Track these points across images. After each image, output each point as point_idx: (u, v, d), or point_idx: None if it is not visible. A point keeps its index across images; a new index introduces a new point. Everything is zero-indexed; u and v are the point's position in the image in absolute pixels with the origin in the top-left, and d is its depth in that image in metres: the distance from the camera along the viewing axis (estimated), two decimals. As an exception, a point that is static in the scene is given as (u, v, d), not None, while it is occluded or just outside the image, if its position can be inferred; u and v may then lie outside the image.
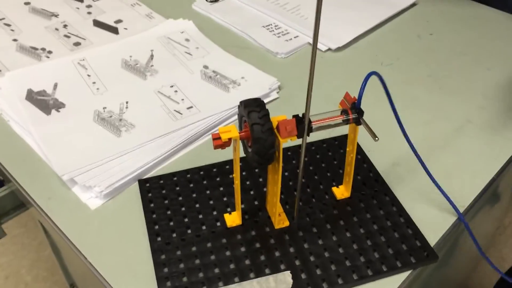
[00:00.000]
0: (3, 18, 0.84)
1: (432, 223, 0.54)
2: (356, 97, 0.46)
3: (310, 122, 0.45)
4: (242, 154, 0.48)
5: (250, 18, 0.86)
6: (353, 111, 0.46)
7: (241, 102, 0.46)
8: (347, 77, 0.74)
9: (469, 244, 0.59)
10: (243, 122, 0.47)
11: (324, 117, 0.46)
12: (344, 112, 0.46)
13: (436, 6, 0.91)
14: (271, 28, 0.84)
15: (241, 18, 0.86)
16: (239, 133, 0.46)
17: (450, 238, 0.55)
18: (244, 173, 0.59)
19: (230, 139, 0.45)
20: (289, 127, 0.44)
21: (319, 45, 0.81)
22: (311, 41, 0.81)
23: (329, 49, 0.80)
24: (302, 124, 0.44)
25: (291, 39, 0.82)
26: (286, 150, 0.62)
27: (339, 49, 0.80)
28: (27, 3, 0.88)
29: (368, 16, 0.86)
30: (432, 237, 0.53)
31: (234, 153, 0.48)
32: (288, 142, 0.46)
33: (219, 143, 0.45)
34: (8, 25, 0.83)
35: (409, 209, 0.55)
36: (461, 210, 0.55)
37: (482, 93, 0.72)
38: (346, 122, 0.46)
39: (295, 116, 0.45)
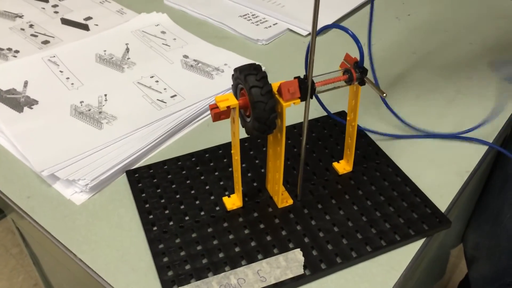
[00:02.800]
0: (-37, 22, 0.79)
1: (440, 189, 0.52)
2: (358, 58, 0.44)
3: (313, 83, 0.42)
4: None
5: (225, 9, 0.84)
6: (357, 70, 0.44)
7: (236, 69, 0.43)
8: (330, 59, 0.72)
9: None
10: (240, 90, 0.44)
11: (327, 78, 0.43)
12: (347, 71, 0.44)
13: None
14: (248, 17, 0.82)
15: (216, 9, 0.83)
16: (237, 100, 0.43)
17: (459, 202, 0.53)
18: (238, 156, 0.56)
19: (229, 108, 0.42)
20: (292, 88, 0.41)
21: (298, 30, 0.79)
22: (291, 27, 0.80)
23: (310, 34, 0.78)
24: (305, 84, 0.42)
25: (270, 26, 0.80)
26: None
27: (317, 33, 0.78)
28: (-12, 6, 0.83)
29: (344, 1, 0.85)
30: (442, 203, 0.51)
31: (232, 124, 0.44)
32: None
33: (217, 111, 0.42)
34: (-31, 28, 0.77)
35: (414, 178, 0.53)
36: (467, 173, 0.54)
37: (468, 65, 0.71)
38: (349, 82, 0.44)
39: (297, 78, 0.42)
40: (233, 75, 0.44)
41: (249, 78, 0.42)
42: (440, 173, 0.54)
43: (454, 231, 0.78)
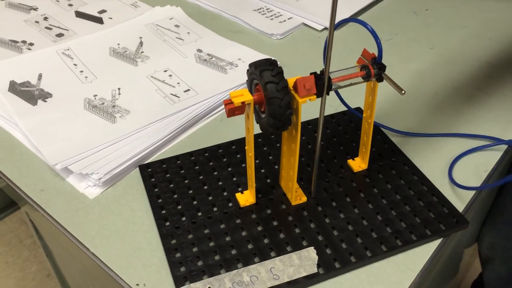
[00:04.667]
0: (-22, 15, 0.79)
1: (457, 188, 0.51)
2: (376, 54, 0.43)
3: (329, 79, 0.42)
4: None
5: (240, 3, 0.83)
6: (375, 66, 0.43)
7: (251, 64, 0.43)
8: (346, 54, 0.72)
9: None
10: (255, 86, 0.43)
11: (344, 74, 0.42)
12: (364, 68, 0.43)
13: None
14: (263, 11, 0.81)
15: (230, 3, 0.83)
16: (252, 96, 0.42)
17: (477, 202, 0.52)
18: (252, 152, 0.55)
19: (243, 103, 0.41)
20: (308, 84, 0.40)
21: (313, 25, 0.78)
22: (306, 21, 0.78)
23: (325, 28, 0.77)
24: (321, 81, 0.41)
25: (285, 20, 0.79)
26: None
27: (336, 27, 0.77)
28: (3, -1, 0.83)
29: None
30: (459, 203, 0.50)
31: (246, 120, 0.44)
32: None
33: (232, 107, 0.41)
34: (-16, 21, 0.78)
35: (431, 177, 0.52)
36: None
37: (487, 62, 0.70)
38: (367, 78, 0.43)
39: (313, 73, 0.41)
40: (248, 70, 0.44)
41: (265, 73, 0.41)
42: (457, 172, 0.53)
43: (470, 231, 0.77)
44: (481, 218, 0.80)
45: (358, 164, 0.53)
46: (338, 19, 0.43)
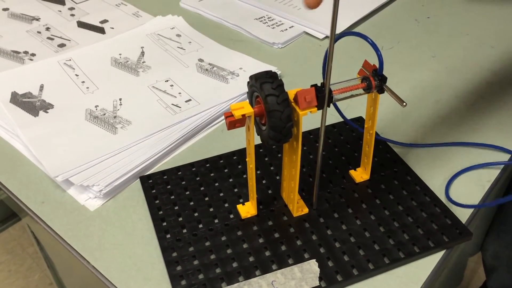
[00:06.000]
0: (-19, 25, 0.79)
1: (460, 199, 0.51)
2: (377, 65, 0.43)
3: (330, 91, 0.41)
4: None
5: (241, 12, 0.83)
6: (376, 78, 0.42)
7: (251, 76, 0.42)
8: (347, 63, 0.71)
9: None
10: (255, 98, 0.43)
11: (345, 86, 0.42)
12: (365, 79, 0.43)
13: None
14: (264, 20, 0.81)
15: (232, 12, 0.83)
16: (253, 108, 0.42)
17: (480, 212, 0.51)
18: (253, 163, 0.55)
19: (244, 116, 0.41)
20: (309, 97, 0.40)
21: (315, 33, 0.78)
22: (307, 30, 0.78)
23: (327, 37, 0.77)
24: (322, 93, 0.41)
25: (286, 29, 0.79)
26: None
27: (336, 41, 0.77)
28: (5, 9, 0.83)
29: (362, 3, 0.84)
30: (462, 214, 0.49)
31: (247, 132, 0.44)
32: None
33: (232, 120, 0.41)
34: (-14, 31, 0.78)
35: (433, 188, 0.52)
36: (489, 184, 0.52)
37: (489, 69, 0.69)
38: (368, 90, 0.43)
39: (314, 86, 0.41)
40: (248, 82, 0.43)
41: (265, 86, 0.41)
42: (460, 183, 0.53)
43: (473, 240, 0.76)
44: (485, 226, 0.79)
45: (360, 174, 0.53)
46: (339, 27, 0.43)
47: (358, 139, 0.58)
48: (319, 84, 0.41)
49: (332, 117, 0.61)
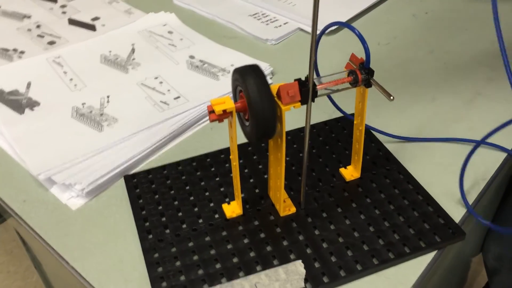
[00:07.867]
0: (-28, 23, 0.79)
1: (454, 197, 0.49)
2: (364, 58, 0.41)
3: (314, 86, 0.40)
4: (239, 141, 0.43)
5: (235, 9, 0.81)
6: (362, 71, 0.41)
7: (234, 70, 0.41)
8: (343, 58, 0.69)
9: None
10: (239, 92, 0.42)
11: (330, 80, 0.40)
12: (351, 73, 0.41)
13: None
14: (259, 16, 0.80)
15: (226, 9, 0.81)
16: (235, 104, 0.40)
17: (476, 212, 0.49)
18: (241, 161, 0.53)
19: (225, 111, 0.40)
20: (292, 91, 0.38)
21: (309, 29, 0.75)
22: (301, 26, 0.77)
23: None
24: (306, 87, 0.39)
25: (280, 25, 0.77)
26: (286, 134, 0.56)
27: (332, 32, 0.75)
28: (-3, 7, 0.83)
29: (359, -2, 0.82)
30: (456, 213, 0.47)
31: (230, 129, 0.42)
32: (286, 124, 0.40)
33: (214, 117, 0.39)
34: (-23, 29, 0.77)
35: (427, 186, 0.50)
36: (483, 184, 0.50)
37: (489, 65, 0.67)
38: (354, 84, 0.41)
39: (297, 80, 0.39)
40: (232, 75, 0.42)
41: (248, 80, 0.39)
42: (455, 181, 0.51)
43: (473, 240, 0.74)
44: (484, 227, 0.77)
45: (351, 172, 0.51)
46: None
47: (350, 136, 0.56)
48: (303, 78, 0.40)
49: (325, 114, 0.60)
